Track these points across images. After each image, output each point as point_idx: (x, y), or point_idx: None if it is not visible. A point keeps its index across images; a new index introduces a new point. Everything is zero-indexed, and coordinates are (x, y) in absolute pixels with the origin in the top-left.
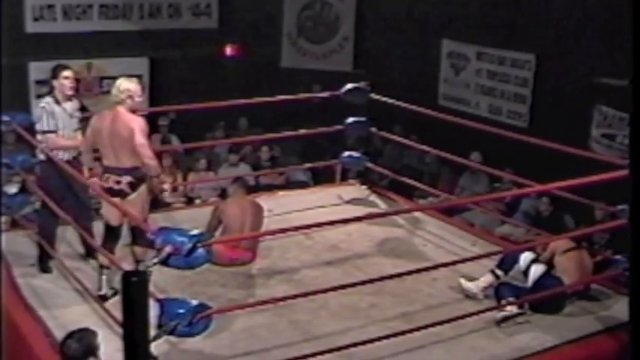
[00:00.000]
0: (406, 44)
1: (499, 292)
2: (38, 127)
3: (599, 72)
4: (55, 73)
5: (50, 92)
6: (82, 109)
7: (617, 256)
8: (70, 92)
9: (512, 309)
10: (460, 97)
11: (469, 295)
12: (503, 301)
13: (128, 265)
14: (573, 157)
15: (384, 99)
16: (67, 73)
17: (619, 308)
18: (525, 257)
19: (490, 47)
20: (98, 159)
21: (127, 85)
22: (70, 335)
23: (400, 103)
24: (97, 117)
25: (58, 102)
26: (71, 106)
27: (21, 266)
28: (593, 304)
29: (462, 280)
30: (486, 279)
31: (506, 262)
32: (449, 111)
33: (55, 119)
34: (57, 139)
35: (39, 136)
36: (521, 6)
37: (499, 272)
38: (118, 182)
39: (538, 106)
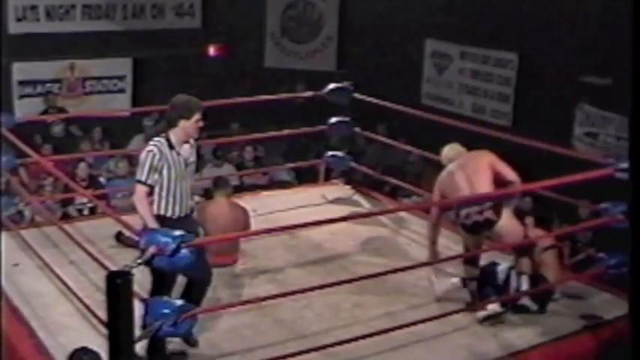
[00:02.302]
0: (389, 44)
1: (483, 291)
2: (137, 175)
3: (582, 71)
4: (187, 112)
5: (161, 131)
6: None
7: (600, 254)
8: (195, 136)
9: (494, 308)
10: (443, 97)
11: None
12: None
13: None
14: (556, 155)
15: (368, 98)
16: (199, 115)
17: (602, 306)
18: (502, 270)
19: (473, 46)
20: None
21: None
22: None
23: (383, 102)
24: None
25: (171, 145)
26: (187, 149)
27: (4, 266)
28: (576, 301)
29: (433, 277)
30: (452, 285)
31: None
32: (432, 110)
33: (161, 167)
34: (145, 199)
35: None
36: (504, 5)
37: (471, 284)
38: (481, 212)
39: (521, 105)
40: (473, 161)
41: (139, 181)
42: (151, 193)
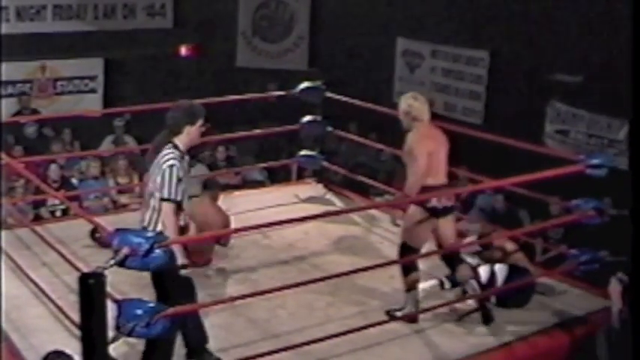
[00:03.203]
0: (361, 43)
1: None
2: (165, 193)
3: (553, 68)
4: (191, 118)
5: (165, 140)
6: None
7: (572, 251)
8: (198, 142)
9: (470, 304)
10: None
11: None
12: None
13: None
14: (528, 153)
15: (340, 97)
16: (202, 120)
17: (574, 302)
18: (485, 271)
19: (444, 45)
20: None
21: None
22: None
23: (355, 101)
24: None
25: (182, 156)
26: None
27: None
28: (548, 298)
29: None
30: (432, 288)
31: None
32: None
33: (182, 181)
34: (175, 218)
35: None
36: (475, 3)
37: (446, 283)
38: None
39: (492, 103)
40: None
41: (169, 200)
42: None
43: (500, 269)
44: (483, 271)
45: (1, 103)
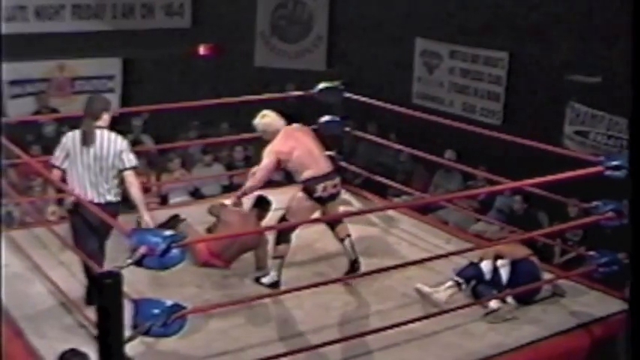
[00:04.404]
0: (380, 43)
1: (477, 291)
2: (133, 162)
3: (572, 69)
4: (107, 105)
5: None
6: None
7: (591, 253)
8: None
9: (494, 304)
10: (434, 96)
11: (431, 301)
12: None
13: None
14: (547, 154)
15: (358, 98)
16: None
17: (593, 304)
18: (487, 265)
19: (463, 45)
20: None
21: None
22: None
23: (374, 101)
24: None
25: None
26: None
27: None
28: (567, 300)
29: (422, 287)
30: (451, 290)
31: (467, 271)
32: (423, 109)
33: None
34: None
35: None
36: (494, 4)
37: (461, 281)
38: (336, 186)
39: (511, 104)
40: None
41: (134, 167)
42: None
43: (502, 264)
44: (485, 268)
45: (1, 103)
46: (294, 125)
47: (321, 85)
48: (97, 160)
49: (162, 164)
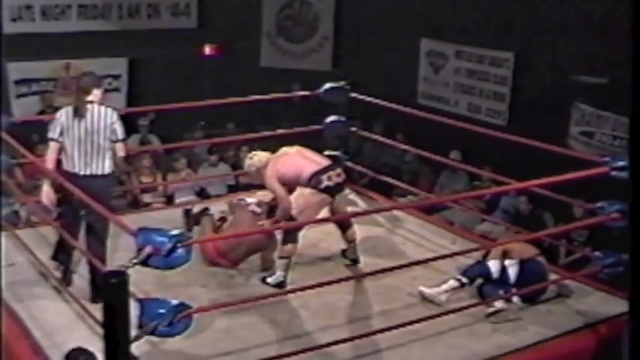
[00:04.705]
0: (385, 43)
1: (483, 290)
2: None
3: (578, 70)
4: (98, 82)
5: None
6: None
7: (596, 253)
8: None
9: (499, 304)
10: (439, 96)
11: (434, 302)
12: (499, 297)
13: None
14: (552, 154)
15: (364, 98)
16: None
17: (598, 305)
18: (495, 265)
19: (469, 46)
20: None
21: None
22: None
23: (380, 101)
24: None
25: None
26: None
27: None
28: (572, 301)
29: (424, 289)
30: (450, 284)
31: (473, 270)
32: (428, 109)
33: None
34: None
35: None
36: (500, 4)
37: (465, 280)
38: (339, 175)
39: (517, 104)
40: (291, 152)
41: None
42: None
43: (510, 263)
44: (494, 267)
45: (1, 102)
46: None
47: (327, 85)
48: (89, 133)
49: (168, 164)
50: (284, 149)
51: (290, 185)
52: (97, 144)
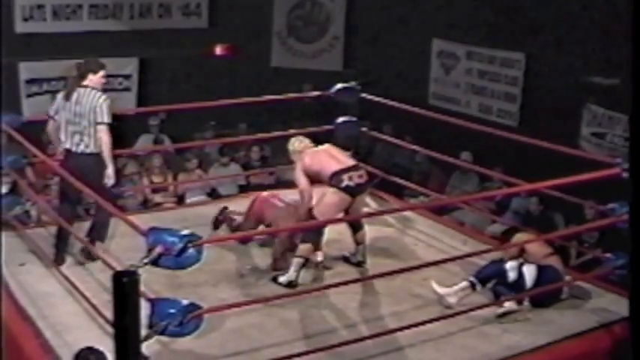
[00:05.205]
0: (396, 43)
1: (497, 291)
2: (107, 119)
3: (589, 71)
4: (96, 67)
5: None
6: None
7: (607, 255)
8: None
9: (510, 305)
10: (450, 97)
11: (443, 304)
12: (506, 297)
13: None
14: (563, 155)
15: (375, 98)
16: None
17: (609, 306)
18: (512, 267)
19: (480, 46)
20: None
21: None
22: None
23: (391, 102)
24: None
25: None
26: None
27: (11, 266)
28: (583, 302)
29: (437, 287)
30: (464, 292)
31: (487, 270)
32: (439, 110)
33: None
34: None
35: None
36: (511, 5)
37: (476, 282)
38: (361, 176)
39: (528, 105)
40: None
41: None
42: None
43: (528, 269)
44: (511, 271)
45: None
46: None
47: (338, 86)
48: (77, 115)
49: (179, 164)
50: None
51: (313, 180)
52: (82, 125)
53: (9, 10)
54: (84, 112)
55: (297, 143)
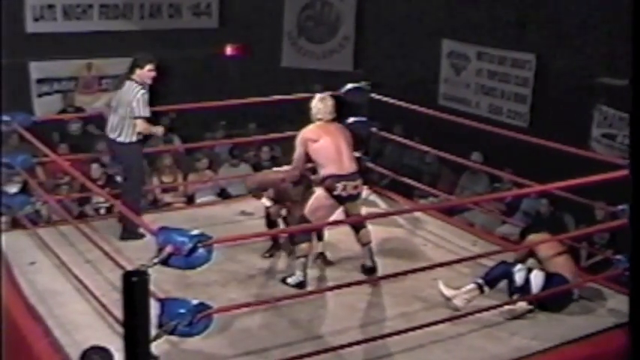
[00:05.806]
0: (406, 44)
1: (510, 288)
2: (143, 112)
3: (600, 72)
4: (141, 63)
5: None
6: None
7: (618, 256)
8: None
9: (521, 305)
10: (460, 97)
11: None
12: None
13: None
14: (574, 156)
15: (385, 99)
16: (151, 65)
17: (619, 308)
18: (520, 271)
19: (490, 47)
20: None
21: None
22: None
23: (401, 102)
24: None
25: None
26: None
27: (21, 265)
28: (593, 303)
29: (444, 289)
30: (472, 293)
31: (496, 271)
32: (449, 111)
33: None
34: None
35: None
36: (522, 5)
37: (483, 284)
38: (357, 187)
39: (538, 106)
40: (335, 135)
41: (141, 116)
42: None
43: (535, 276)
44: (518, 276)
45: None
46: (335, 123)
47: (348, 86)
48: (119, 105)
49: (189, 164)
50: (335, 124)
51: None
52: (119, 115)
53: (20, 10)
54: (121, 104)
55: (319, 105)
